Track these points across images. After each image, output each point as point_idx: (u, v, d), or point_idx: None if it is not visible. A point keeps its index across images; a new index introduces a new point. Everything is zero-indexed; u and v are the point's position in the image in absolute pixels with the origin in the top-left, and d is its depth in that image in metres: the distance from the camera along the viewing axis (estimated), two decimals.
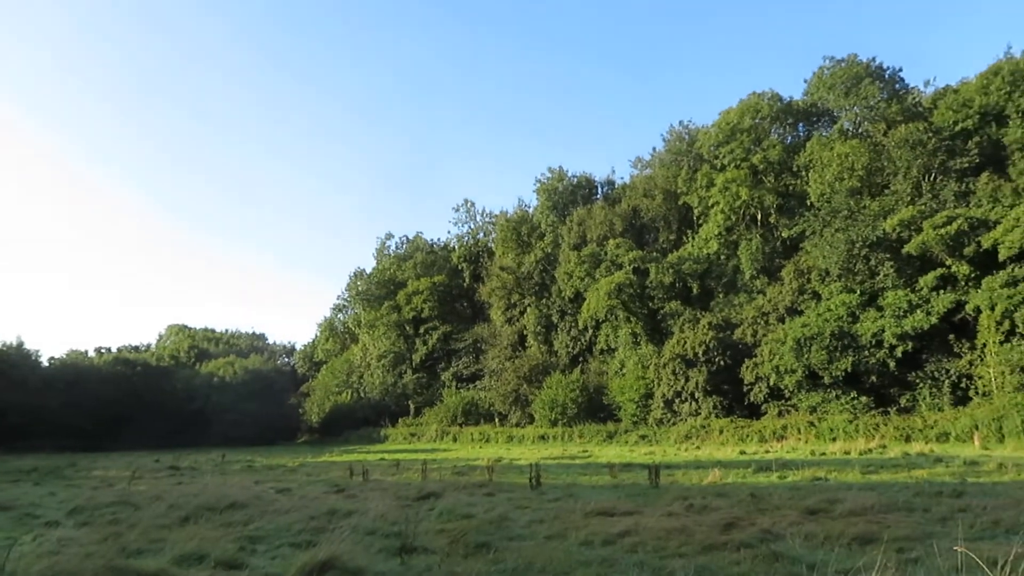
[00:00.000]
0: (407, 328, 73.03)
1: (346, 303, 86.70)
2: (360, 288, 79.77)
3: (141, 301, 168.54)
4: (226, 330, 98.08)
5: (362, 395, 74.13)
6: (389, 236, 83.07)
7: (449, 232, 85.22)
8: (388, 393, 71.19)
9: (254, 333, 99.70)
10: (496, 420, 58.41)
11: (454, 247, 78.46)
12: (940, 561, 7.63)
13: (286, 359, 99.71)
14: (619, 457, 31.14)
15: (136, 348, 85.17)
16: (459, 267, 75.33)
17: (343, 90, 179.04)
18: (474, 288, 71.80)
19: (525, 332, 62.33)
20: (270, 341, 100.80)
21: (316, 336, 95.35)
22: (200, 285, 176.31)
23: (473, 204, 77.88)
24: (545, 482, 19.43)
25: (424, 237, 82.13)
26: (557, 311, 59.64)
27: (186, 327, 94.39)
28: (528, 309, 61.70)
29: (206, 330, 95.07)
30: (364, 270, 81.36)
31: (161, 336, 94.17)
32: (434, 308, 70.74)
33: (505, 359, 60.88)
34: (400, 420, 65.70)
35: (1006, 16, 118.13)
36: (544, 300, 60.75)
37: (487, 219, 76.59)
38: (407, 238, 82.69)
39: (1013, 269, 34.41)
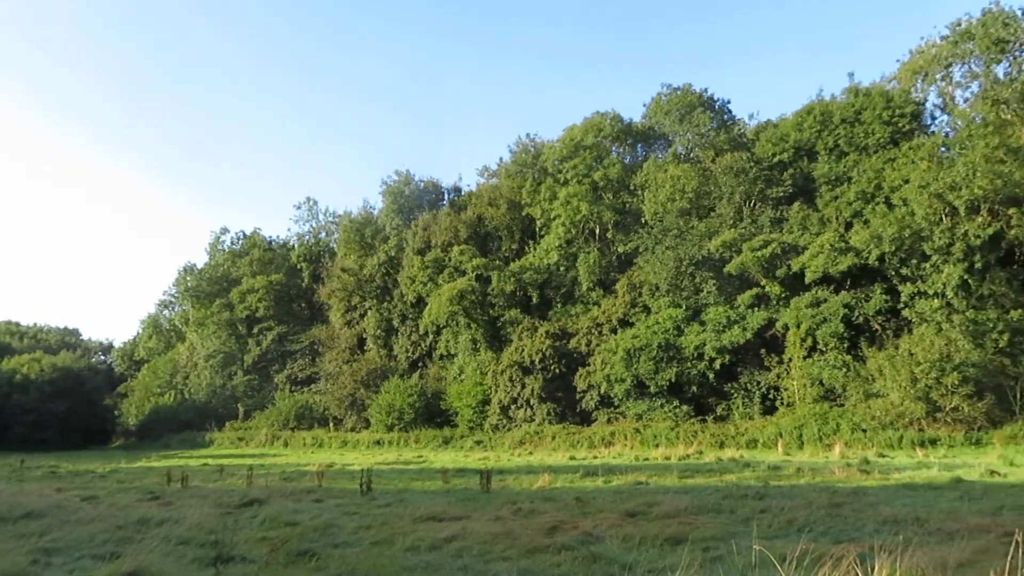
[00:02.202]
0: (239, 328, 69.84)
1: (173, 299, 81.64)
2: (190, 284, 75.35)
3: None
4: (34, 324, 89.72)
5: (187, 397, 70.04)
6: (224, 231, 79.22)
7: (289, 230, 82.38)
8: (216, 395, 67.71)
9: (66, 328, 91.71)
10: (331, 425, 57.07)
11: (294, 245, 75.91)
12: (738, 559, 8.25)
13: (103, 357, 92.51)
14: (454, 462, 31.32)
15: None
16: (298, 266, 72.96)
17: (184, 77, 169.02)
18: (313, 289, 69.79)
19: (365, 335, 61.32)
20: (85, 338, 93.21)
21: (138, 333, 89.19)
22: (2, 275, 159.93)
23: (316, 202, 75.83)
24: (377, 488, 19.17)
25: (262, 234, 78.98)
26: (398, 315, 59.16)
27: None
28: (369, 312, 60.76)
29: (8, 323, 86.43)
30: (195, 265, 77.00)
31: None
32: (270, 308, 68.09)
33: (343, 362, 59.62)
34: (228, 424, 62.61)
35: (821, 61, 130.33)
36: (385, 304, 60.09)
37: (330, 219, 74.79)
38: (244, 234, 79.12)
39: (817, 291, 37.82)
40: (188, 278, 75.93)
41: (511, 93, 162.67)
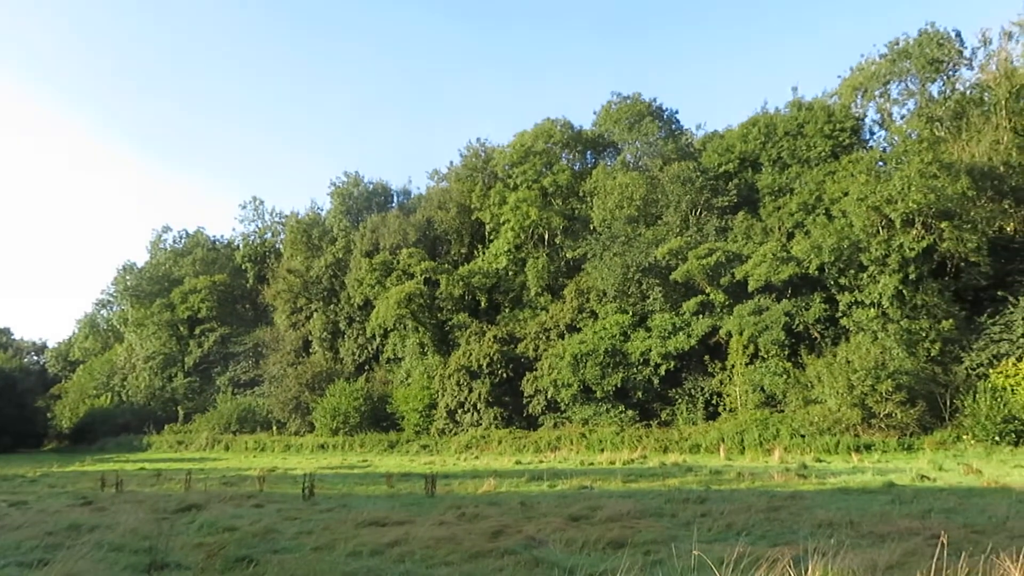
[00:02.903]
0: (181, 328, 68.13)
1: (112, 299, 79.31)
2: (129, 283, 73.26)
3: None
4: None
5: (124, 399, 68.05)
6: (166, 229, 77.20)
7: (234, 230, 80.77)
8: (155, 398, 65.92)
9: None
10: (274, 428, 56.07)
11: (238, 245, 74.44)
12: (678, 562, 8.37)
13: (35, 357, 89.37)
14: (399, 467, 31.13)
15: None
16: (243, 267, 71.58)
17: (125, 71, 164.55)
18: (258, 290, 68.51)
19: (310, 338, 60.46)
20: (16, 337, 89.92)
21: (74, 333, 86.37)
22: None
23: (262, 202, 74.51)
24: (320, 492, 18.94)
25: (206, 233, 77.30)
26: (345, 318, 58.51)
27: None
28: (315, 314, 59.94)
29: None
30: (135, 264, 74.92)
31: None
32: (212, 308, 66.57)
33: (287, 365, 58.66)
34: (167, 427, 61.01)
35: (766, 74, 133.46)
36: (332, 306, 59.36)
37: (276, 219, 73.58)
38: (187, 232, 77.33)
39: (759, 299, 38.63)
40: (127, 277, 73.85)
41: (463, 97, 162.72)
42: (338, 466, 33.53)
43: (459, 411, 46.02)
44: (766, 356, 37.68)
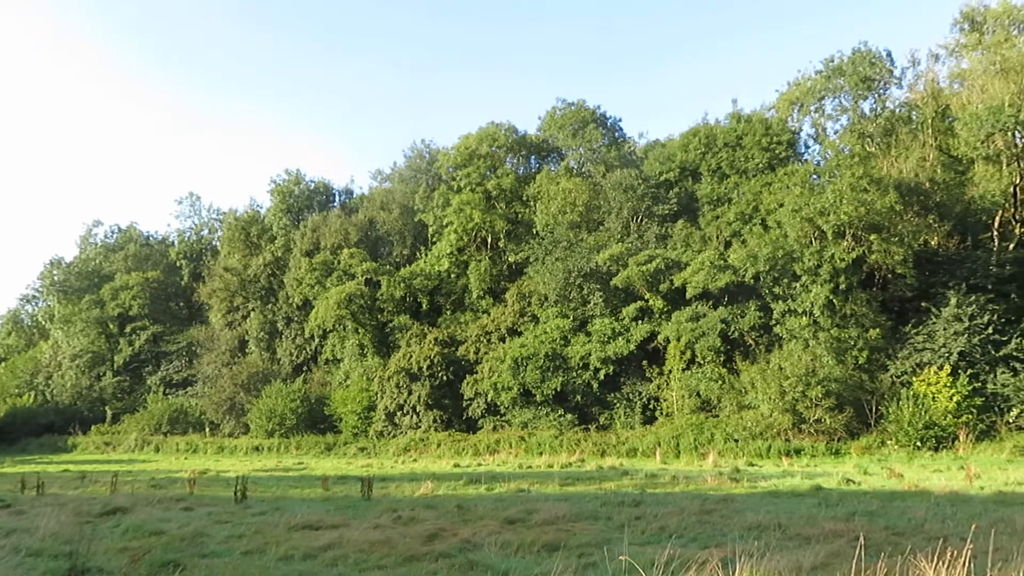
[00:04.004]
0: (111, 326, 65.98)
1: (37, 294, 76.28)
2: (56, 278, 70.61)
3: None
4: None
5: (49, 398, 65.56)
6: (97, 223, 74.89)
7: (169, 226, 78.58)
8: (82, 397, 63.64)
9: None
10: (207, 430, 54.75)
11: (173, 242, 72.54)
12: (610, 565, 8.47)
13: None
14: (336, 469, 30.74)
15: None
16: (178, 264, 69.78)
17: (57, 62, 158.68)
18: (193, 287, 66.85)
19: (247, 337, 59.28)
20: None
21: None
22: None
23: (199, 198, 72.78)
24: (253, 495, 18.58)
25: (139, 228, 75.08)
26: (283, 318, 57.54)
27: None
28: (252, 314, 58.78)
29: None
30: (63, 258, 72.25)
31: None
32: (145, 306, 64.64)
33: (222, 365, 57.38)
34: (94, 428, 58.98)
35: (707, 85, 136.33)
36: (270, 305, 58.31)
37: (214, 216, 71.94)
38: (119, 227, 75.03)
39: (697, 306, 39.37)
40: (55, 272, 71.15)
41: (408, 98, 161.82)
42: (273, 468, 32.95)
43: (398, 413, 45.69)
44: (702, 362, 38.43)
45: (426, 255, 53.36)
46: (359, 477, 22.28)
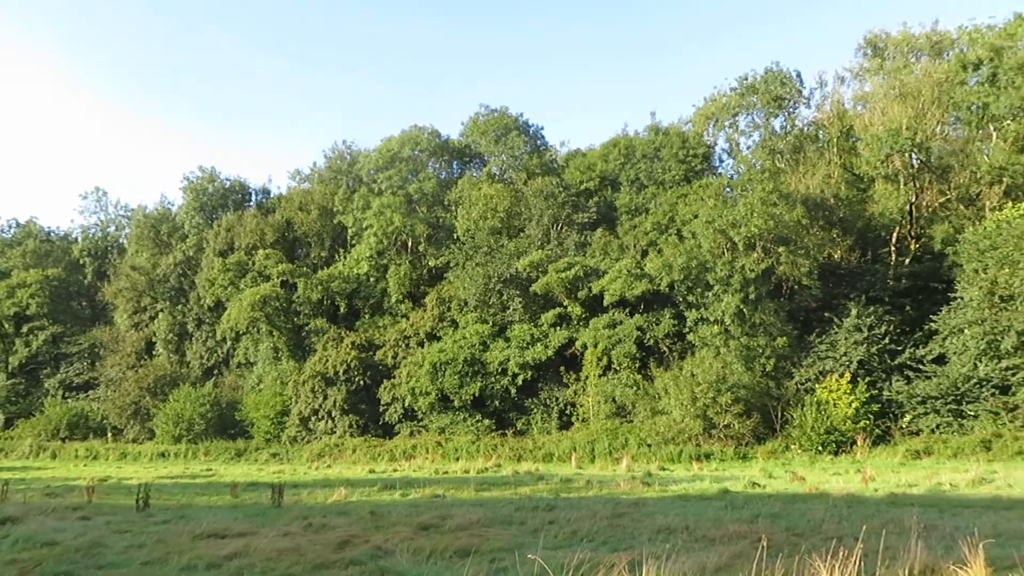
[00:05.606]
0: (6, 326, 62.52)
1: None
2: None
3: None
4: None
5: None
6: None
7: (73, 222, 74.94)
8: None
9: None
10: (109, 435, 52.41)
11: (77, 238, 69.29)
12: (521, 570, 8.53)
13: None
14: (246, 476, 29.94)
15: None
16: (81, 261, 66.71)
17: None
18: (97, 287, 63.97)
19: (154, 339, 57.15)
20: None
21: None
22: None
23: (105, 193, 69.77)
24: (157, 503, 17.90)
25: (39, 223, 71.45)
26: (194, 319, 55.70)
27: None
28: (161, 314, 56.70)
29: None
30: None
31: None
32: (44, 305, 61.49)
33: (127, 367, 55.08)
34: None
35: (628, 97, 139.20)
36: (180, 306, 56.36)
37: (121, 212, 69.08)
38: (17, 222, 71.28)
39: (614, 313, 40.08)
40: None
41: (328, 98, 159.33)
42: (179, 475, 31.81)
43: (313, 418, 44.81)
44: (618, 368, 39.12)
45: (345, 258, 52.57)
46: (270, 484, 21.75)
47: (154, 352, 57.12)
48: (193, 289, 55.68)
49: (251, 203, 62.10)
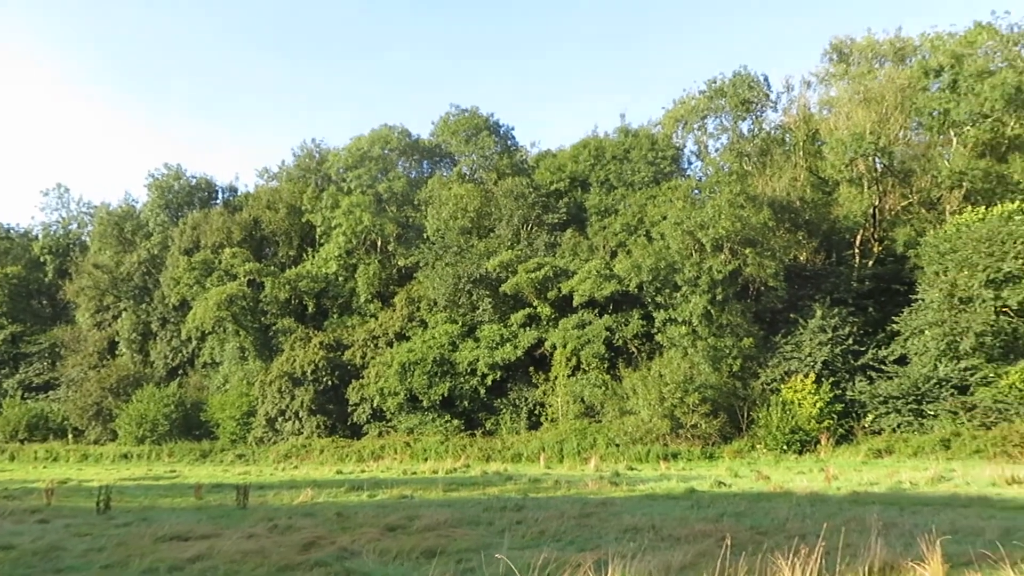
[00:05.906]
0: None
1: None
2: None
3: None
4: None
5: None
6: None
7: (33, 218, 73.37)
8: None
9: None
10: (70, 436, 51.41)
11: (37, 236, 67.86)
12: (487, 570, 8.53)
13: None
14: (211, 477, 29.57)
15: None
16: (42, 259, 65.34)
17: None
18: (58, 285, 62.72)
19: (117, 339, 56.20)
20: None
21: None
22: None
23: (68, 190, 68.36)
24: (118, 505, 17.60)
25: None
26: (158, 318, 54.85)
27: None
28: (124, 314, 55.75)
29: None
30: None
31: None
32: (2, 303, 60.20)
33: (89, 367, 54.08)
34: None
35: (598, 98, 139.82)
36: (144, 305, 55.45)
37: (84, 209, 67.81)
38: None
39: (583, 314, 40.24)
40: None
41: (298, 96, 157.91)
42: (142, 477, 31.29)
43: (280, 419, 44.37)
44: (587, 368, 39.29)
45: (313, 257, 52.11)
46: (235, 485, 21.49)
47: (117, 352, 56.18)
48: (158, 288, 54.86)
49: (218, 201, 61.34)
